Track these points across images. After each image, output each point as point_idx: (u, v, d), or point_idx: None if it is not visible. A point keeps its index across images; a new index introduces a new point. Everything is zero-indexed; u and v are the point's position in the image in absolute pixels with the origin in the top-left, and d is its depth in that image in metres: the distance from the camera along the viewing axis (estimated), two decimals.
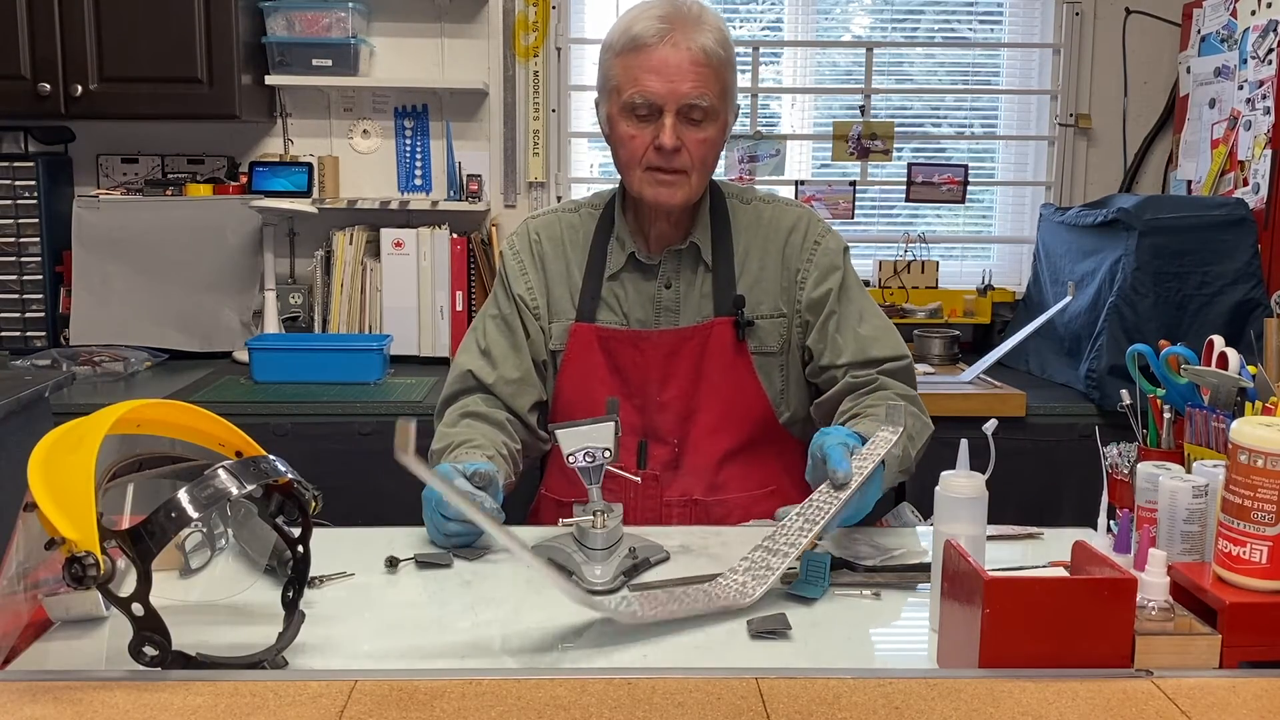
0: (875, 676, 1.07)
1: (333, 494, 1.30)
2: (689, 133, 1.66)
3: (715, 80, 1.66)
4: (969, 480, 1.29)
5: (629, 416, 1.72)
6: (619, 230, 1.80)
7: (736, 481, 1.76)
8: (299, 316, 3.27)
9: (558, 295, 1.81)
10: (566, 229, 1.84)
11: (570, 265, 1.82)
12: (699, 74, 1.64)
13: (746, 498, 1.76)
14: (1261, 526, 1.13)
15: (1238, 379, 1.49)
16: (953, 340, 3.23)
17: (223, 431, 1.25)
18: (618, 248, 1.80)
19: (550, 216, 1.87)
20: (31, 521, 1.12)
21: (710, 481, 1.76)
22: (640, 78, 1.64)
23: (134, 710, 0.99)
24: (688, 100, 1.64)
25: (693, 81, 1.64)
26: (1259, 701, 1.02)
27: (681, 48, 1.63)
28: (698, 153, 1.68)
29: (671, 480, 1.76)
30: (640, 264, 1.79)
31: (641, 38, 1.64)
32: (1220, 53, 3.01)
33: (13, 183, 3.07)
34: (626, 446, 1.71)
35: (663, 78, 1.64)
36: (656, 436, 1.76)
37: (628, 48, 1.66)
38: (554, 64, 3.32)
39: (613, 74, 1.69)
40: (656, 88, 1.64)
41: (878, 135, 3.39)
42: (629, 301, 1.79)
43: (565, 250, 1.82)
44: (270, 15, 3.11)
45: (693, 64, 1.64)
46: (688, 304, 1.78)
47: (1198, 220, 2.72)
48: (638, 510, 1.73)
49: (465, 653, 1.24)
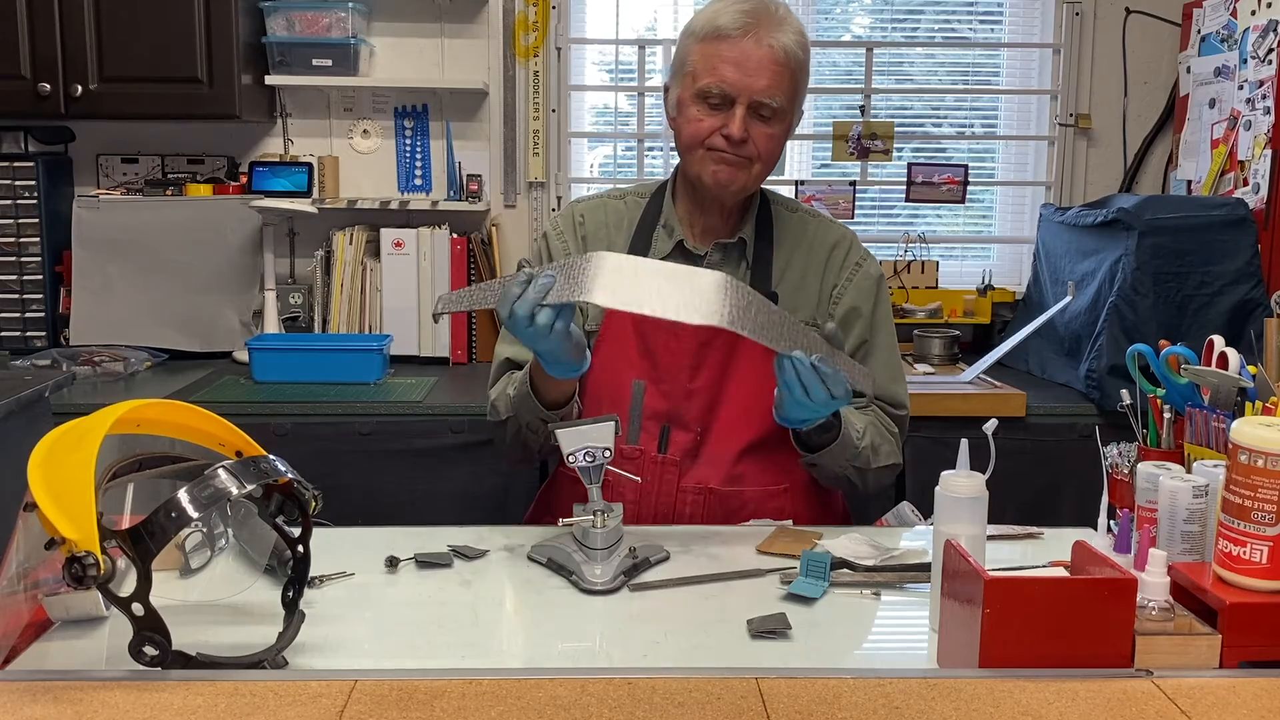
0: (875, 676, 1.07)
1: (333, 494, 1.30)
2: (756, 126, 1.69)
3: (790, 81, 1.69)
4: (969, 480, 1.29)
5: (654, 401, 1.75)
6: (667, 218, 1.83)
7: (753, 475, 1.77)
8: (299, 316, 3.26)
9: None
10: (611, 214, 1.87)
11: (613, 249, 1.81)
12: (775, 72, 1.67)
13: (760, 492, 1.77)
14: (1262, 526, 1.13)
15: (1238, 379, 1.49)
16: (953, 340, 3.23)
17: (223, 431, 1.25)
18: (664, 235, 1.82)
19: (596, 201, 1.90)
20: (31, 521, 1.12)
21: (728, 472, 1.76)
22: (718, 67, 1.67)
23: (134, 710, 0.99)
24: (760, 96, 1.67)
25: (769, 79, 1.67)
26: (1259, 701, 1.02)
27: (764, 44, 1.66)
28: (764, 146, 1.71)
29: (690, 468, 1.76)
30: (686, 252, 1.81)
31: (725, 28, 1.67)
32: (1220, 53, 3.01)
33: (13, 183, 3.07)
34: (648, 430, 1.74)
35: (740, 70, 1.67)
36: (680, 423, 1.77)
37: (710, 35, 1.69)
38: (554, 64, 3.32)
39: (691, 58, 1.71)
40: (732, 78, 1.67)
41: (878, 135, 3.39)
42: None
43: (609, 234, 1.85)
44: (270, 15, 3.11)
45: (772, 61, 1.67)
46: None
47: (1198, 220, 2.72)
48: (653, 495, 1.75)
49: (465, 653, 1.24)
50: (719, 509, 1.75)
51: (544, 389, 1.68)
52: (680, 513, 1.75)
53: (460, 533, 1.61)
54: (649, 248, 1.81)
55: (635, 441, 1.73)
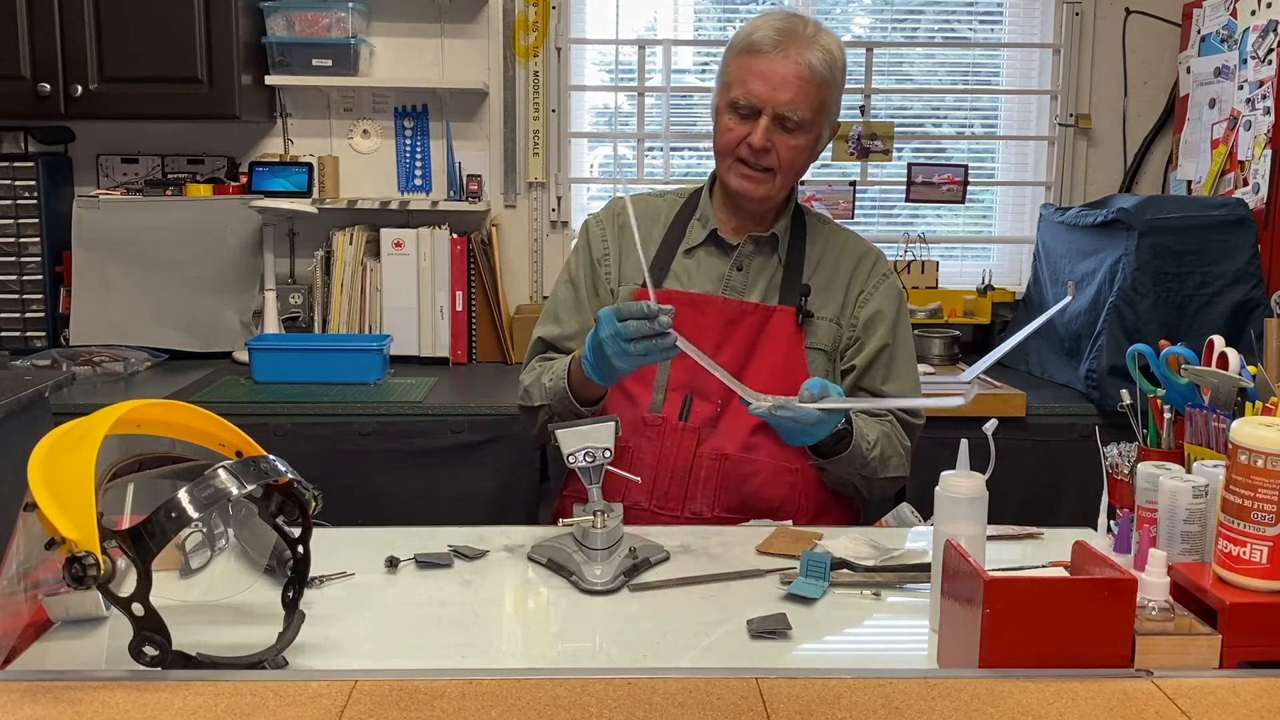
0: (875, 676, 1.07)
1: (333, 494, 1.30)
2: (780, 137, 1.80)
3: (815, 95, 1.79)
4: (969, 480, 1.29)
5: (679, 375, 1.83)
6: (703, 211, 1.93)
7: (768, 447, 1.82)
8: (299, 316, 3.26)
9: (630, 263, 1.91)
10: (651, 208, 1.97)
11: (646, 242, 1.91)
12: (800, 87, 1.77)
13: (773, 464, 1.82)
14: (1261, 526, 1.13)
15: (1238, 379, 1.49)
16: (953, 340, 3.23)
17: (223, 431, 1.25)
18: (699, 226, 1.92)
19: (641, 196, 2.02)
20: (31, 521, 1.12)
21: (745, 441, 1.82)
22: (748, 79, 1.78)
23: (134, 710, 0.99)
24: (783, 109, 1.77)
25: (792, 93, 1.77)
26: (1259, 701, 1.02)
27: (791, 60, 1.77)
28: (786, 156, 1.81)
29: (709, 436, 1.83)
30: (719, 242, 1.90)
31: (758, 44, 1.79)
32: (1220, 53, 3.01)
33: (13, 183, 3.07)
34: (672, 400, 1.83)
35: (767, 84, 1.77)
36: (702, 394, 1.84)
37: (745, 50, 1.80)
38: (554, 64, 3.32)
39: (727, 70, 1.83)
40: (759, 91, 1.77)
41: (878, 135, 3.39)
42: (699, 275, 1.89)
43: (646, 226, 1.94)
44: (270, 15, 3.11)
45: (797, 77, 1.77)
46: (754, 289, 1.88)
47: (1198, 220, 2.72)
48: (672, 456, 1.82)
49: (465, 653, 1.24)
50: (733, 474, 1.81)
51: (581, 389, 1.77)
52: (696, 475, 1.81)
53: (460, 533, 1.61)
54: (683, 237, 1.92)
55: (658, 410, 1.83)
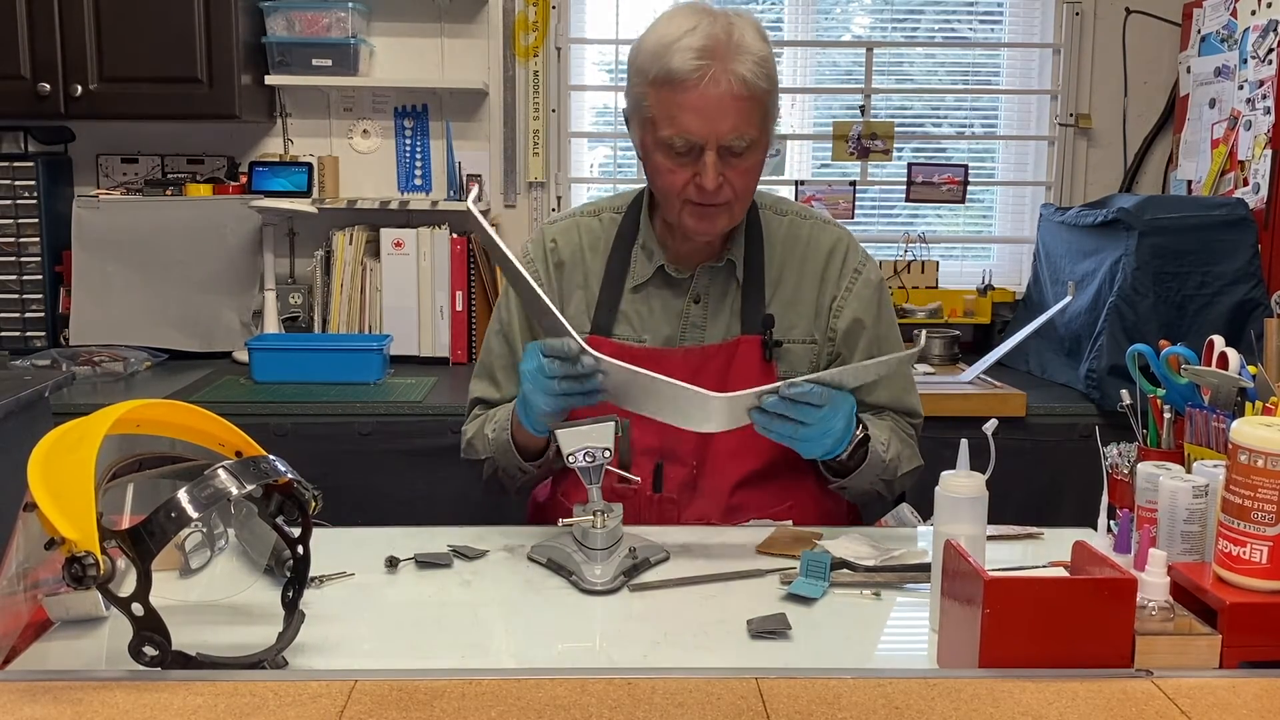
0: (875, 676, 1.07)
1: (333, 494, 1.30)
2: (730, 167, 1.59)
3: (756, 111, 1.57)
4: (969, 480, 1.29)
5: (645, 438, 1.64)
6: (645, 239, 1.74)
7: (753, 505, 1.71)
8: (299, 316, 3.26)
9: (574, 308, 1.75)
10: (586, 235, 1.77)
11: (589, 276, 1.75)
12: (739, 109, 1.55)
13: (762, 516, 1.71)
14: (1262, 526, 1.13)
15: (1238, 379, 1.49)
16: (953, 340, 3.23)
17: (223, 431, 1.25)
18: (644, 258, 1.73)
19: (568, 222, 1.80)
20: (31, 521, 1.12)
21: (726, 504, 1.71)
22: (678, 116, 1.55)
23: (134, 710, 0.99)
24: (727, 140, 1.56)
25: (734, 119, 1.55)
26: (1259, 701, 1.02)
27: (721, 84, 1.54)
28: (741, 184, 1.61)
29: (689, 502, 1.70)
30: (669, 278, 1.73)
31: (679, 74, 1.54)
32: (1220, 53, 3.01)
33: (13, 183, 3.07)
34: (642, 467, 1.66)
35: (703, 117, 1.55)
36: (674, 458, 1.70)
37: (663, 81, 1.56)
38: (554, 64, 3.32)
39: (646, 103, 1.60)
40: (695, 127, 1.55)
41: (878, 135, 3.39)
42: (654, 317, 1.73)
43: (584, 259, 1.76)
44: (270, 15, 3.11)
45: (733, 100, 1.54)
46: (716, 321, 1.72)
47: (1198, 220, 2.72)
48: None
49: (465, 653, 1.24)
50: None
51: (523, 440, 1.66)
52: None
53: (460, 533, 1.61)
54: (627, 271, 1.73)
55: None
